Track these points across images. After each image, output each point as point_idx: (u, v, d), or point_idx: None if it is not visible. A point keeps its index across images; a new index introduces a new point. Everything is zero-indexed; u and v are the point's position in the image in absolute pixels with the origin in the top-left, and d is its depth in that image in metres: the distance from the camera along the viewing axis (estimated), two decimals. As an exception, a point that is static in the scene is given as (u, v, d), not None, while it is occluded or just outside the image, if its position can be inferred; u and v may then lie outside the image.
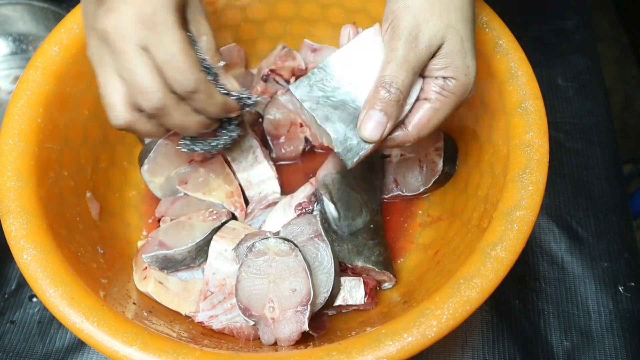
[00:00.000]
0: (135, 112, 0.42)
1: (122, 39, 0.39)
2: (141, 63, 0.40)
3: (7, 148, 0.48)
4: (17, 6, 0.76)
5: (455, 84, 0.42)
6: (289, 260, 0.48)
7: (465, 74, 0.42)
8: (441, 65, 0.41)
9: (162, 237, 0.53)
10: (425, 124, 0.43)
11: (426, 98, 0.43)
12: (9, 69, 0.78)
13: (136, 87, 0.40)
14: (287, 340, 0.46)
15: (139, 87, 0.40)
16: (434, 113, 0.43)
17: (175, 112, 0.42)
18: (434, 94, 0.42)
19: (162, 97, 0.41)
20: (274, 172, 0.58)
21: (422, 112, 0.43)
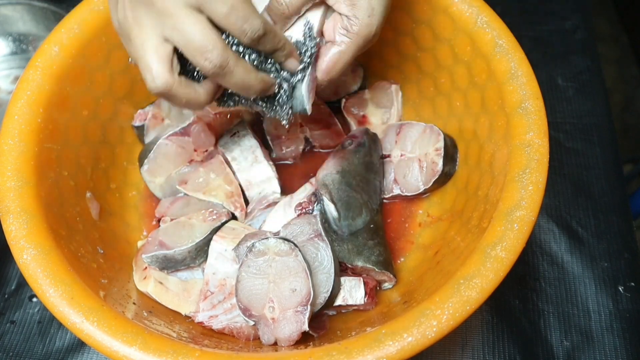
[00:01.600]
0: (177, 75, 0.40)
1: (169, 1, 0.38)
2: (195, 21, 0.38)
3: (7, 148, 0.48)
4: (17, 6, 0.76)
5: (359, 24, 0.43)
6: (289, 260, 0.48)
7: (369, 15, 0.43)
8: (347, 3, 0.43)
9: (162, 237, 0.53)
10: (333, 67, 0.45)
11: (331, 41, 0.45)
12: (9, 69, 0.78)
13: (193, 46, 0.38)
14: (287, 340, 0.46)
15: (197, 46, 0.38)
16: (340, 55, 0.45)
17: (237, 68, 0.40)
18: (338, 36, 0.44)
19: (223, 53, 0.38)
20: (274, 172, 0.58)
21: (328, 56, 0.45)
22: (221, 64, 0.39)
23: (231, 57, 0.39)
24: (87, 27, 0.53)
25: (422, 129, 0.58)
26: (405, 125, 0.60)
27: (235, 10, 0.38)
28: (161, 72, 0.39)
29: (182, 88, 0.40)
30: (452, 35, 0.54)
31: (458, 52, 0.55)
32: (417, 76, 0.62)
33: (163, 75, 0.39)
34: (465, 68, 0.54)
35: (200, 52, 0.38)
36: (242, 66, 0.40)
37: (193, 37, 0.38)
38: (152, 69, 0.39)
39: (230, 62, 0.39)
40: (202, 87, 0.42)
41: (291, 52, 0.43)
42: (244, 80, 0.41)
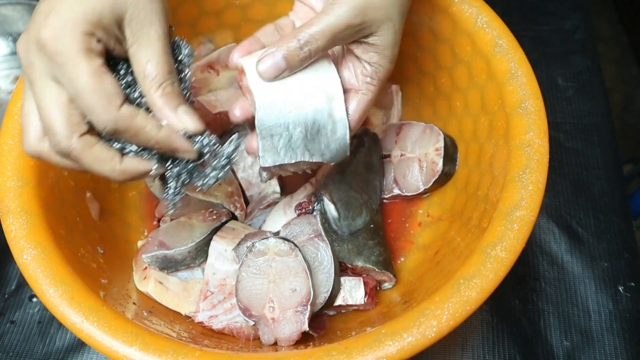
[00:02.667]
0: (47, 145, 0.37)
1: (31, 67, 0.36)
2: (49, 98, 0.35)
3: (7, 148, 0.48)
4: (17, 6, 0.75)
5: (383, 71, 0.44)
6: (289, 260, 0.48)
7: (391, 61, 0.44)
8: (373, 52, 0.43)
9: (162, 237, 0.53)
10: (363, 115, 0.45)
11: (355, 89, 0.45)
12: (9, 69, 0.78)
13: (44, 125, 0.36)
14: (287, 340, 0.46)
15: (46, 125, 0.36)
16: (368, 103, 0.45)
17: (84, 158, 0.37)
18: (363, 85, 0.44)
19: (66, 139, 0.35)
20: (274, 172, 0.58)
21: (359, 106, 0.45)
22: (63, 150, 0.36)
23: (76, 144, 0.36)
24: (87, 27, 0.53)
25: (422, 129, 0.58)
26: (405, 125, 0.60)
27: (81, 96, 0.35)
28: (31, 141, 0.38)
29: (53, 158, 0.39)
30: (452, 35, 0.54)
31: (458, 52, 0.55)
32: (417, 76, 0.62)
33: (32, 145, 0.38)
34: (465, 68, 0.54)
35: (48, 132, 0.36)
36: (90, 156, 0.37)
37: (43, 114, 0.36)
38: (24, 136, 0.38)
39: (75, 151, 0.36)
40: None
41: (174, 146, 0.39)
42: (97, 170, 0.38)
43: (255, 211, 0.57)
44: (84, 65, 0.35)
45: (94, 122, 0.36)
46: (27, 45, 0.36)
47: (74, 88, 0.35)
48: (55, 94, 0.35)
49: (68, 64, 0.34)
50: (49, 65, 0.35)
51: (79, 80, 0.35)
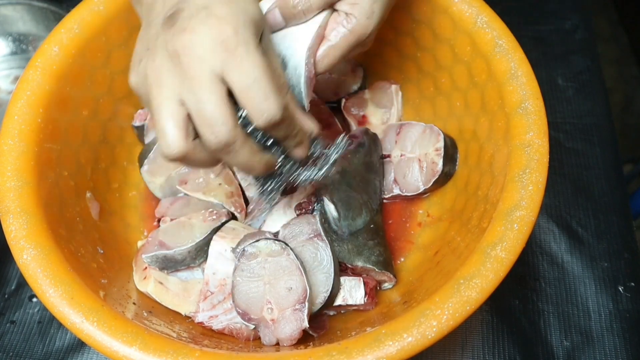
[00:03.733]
0: (192, 141, 0.38)
1: (196, 62, 0.35)
2: (214, 91, 0.36)
3: (7, 148, 0.48)
4: (17, 6, 0.75)
5: (355, 23, 0.44)
6: (281, 260, 0.48)
7: (368, 16, 0.43)
8: (350, 2, 0.43)
9: (162, 237, 0.53)
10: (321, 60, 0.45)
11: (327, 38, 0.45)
12: (9, 69, 0.78)
13: (203, 118, 0.36)
14: (289, 339, 0.46)
15: (207, 118, 0.36)
16: (329, 50, 0.45)
17: (242, 149, 0.38)
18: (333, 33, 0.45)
19: (231, 131, 0.36)
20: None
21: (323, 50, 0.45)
22: (227, 142, 0.37)
23: (239, 137, 0.37)
24: (87, 27, 0.53)
25: (422, 129, 0.58)
26: (405, 125, 0.60)
27: (255, 87, 0.36)
28: (177, 139, 0.37)
29: (197, 154, 0.38)
30: (452, 35, 0.54)
31: (458, 52, 0.55)
32: (417, 76, 0.62)
33: (179, 144, 0.37)
34: (465, 68, 0.54)
35: (208, 125, 0.36)
36: (248, 148, 0.39)
37: (205, 107, 0.36)
38: (168, 136, 0.37)
39: (237, 143, 0.37)
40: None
41: (302, 141, 0.42)
42: (247, 161, 0.39)
43: (255, 211, 0.57)
44: (261, 58, 0.36)
45: (265, 111, 0.36)
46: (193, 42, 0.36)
47: (250, 77, 0.36)
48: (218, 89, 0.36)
49: (248, 56, 0.36)
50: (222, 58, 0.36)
51: (257, 70, 0.36)
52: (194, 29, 0.36)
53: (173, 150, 0.37)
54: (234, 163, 0.40)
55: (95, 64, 0.55)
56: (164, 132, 0.37)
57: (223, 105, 0.36)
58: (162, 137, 0.37)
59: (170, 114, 0.36)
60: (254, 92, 0.36)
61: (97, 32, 0.54)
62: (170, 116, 0.36)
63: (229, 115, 0.36)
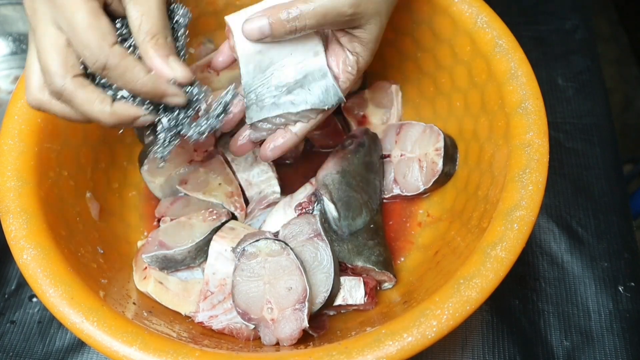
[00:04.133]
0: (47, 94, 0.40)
1: (35, 14, 0.38)
2: (48, 42, 0.38)
3: (7, 148, 0.48)
4: (17, 6, 0.75)
5: (363, 62, 0.46)
6: (281, 259, 0.48)
7: (372, 54, 0.46)
8: (357, 43, 0.45)
9: (162, 237, 0.53)
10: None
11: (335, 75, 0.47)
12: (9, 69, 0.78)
13: (42, 67, 0.38)
14: (289, 339, 0.46)
15: (43, 67, 0.38)
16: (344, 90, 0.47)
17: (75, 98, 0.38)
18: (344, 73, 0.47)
19: (60, 79, 0.38)
20: (274, 172, 0.58)
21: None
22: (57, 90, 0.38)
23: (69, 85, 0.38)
24: (87, 27, 0.53)
25: (422, 129, 0.58)
26: (405, 125, 0.60)
27: (77, 33, 0.37)
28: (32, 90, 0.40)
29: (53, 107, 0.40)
30: (452, 35, 0.54)
31: (458, 52, 0.55)
32: (417, 76, 0.62)
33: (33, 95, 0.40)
34: (465, 68, 0.54)
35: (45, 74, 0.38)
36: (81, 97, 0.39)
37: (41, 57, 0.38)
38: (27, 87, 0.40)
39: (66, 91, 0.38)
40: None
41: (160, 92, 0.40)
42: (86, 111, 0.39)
43: (255, 211, 0.57)
44: (81, 4, 0.37)
45: (86, 57, 0.37)
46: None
47: (71, 26, 0.37)
48: (54, 37, 0.37)
49: (67, 3, 0.37)
50: (51, 10, 0.37)
51: (76, 18, 0.37)
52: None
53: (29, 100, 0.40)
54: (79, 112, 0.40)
55: (95, 64, 0.55)
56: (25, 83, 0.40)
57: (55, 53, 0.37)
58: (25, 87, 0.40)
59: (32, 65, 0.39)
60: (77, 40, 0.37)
61: (97, 32, 0.54)
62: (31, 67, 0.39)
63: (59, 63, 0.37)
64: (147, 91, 0.39)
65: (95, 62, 0.38)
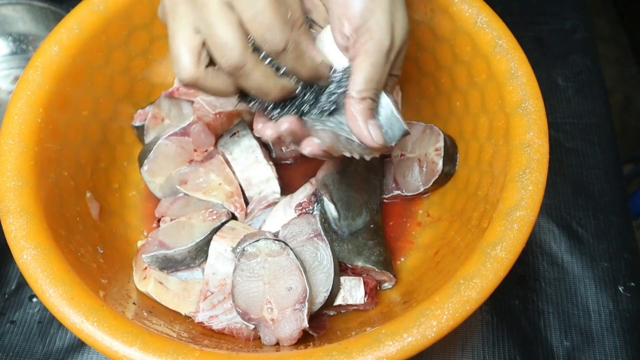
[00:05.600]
0: (204, 68, 0.40)
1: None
2: (223, 17, 0.37)
3: (7, 148, 0.48)
4: (17, 6, 0.76)
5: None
6: (281, 259, 0.48)
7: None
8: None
9: (162, 237, 0.53)
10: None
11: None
12: (9, 69, 0.78)
13: (215, 42, 0.38)
14: (289, 339, 0.46)
15: (217, 42, 0.38)
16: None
17: (254, 72, 0.39)
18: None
19: (241, 54, 0.38)
20: (274, 172, 0.58)
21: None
22: (237, 65, 0.38)
23: (250, 60, 0.39)
24: (87, 27, 0.53)
25: (422, 129, 0.58)
26: (405, 125, 0.60)
27: (259, 16, 0.37)
28: (189, 64, 0.39)
29: (209, 81, 0.40)
30: (452, 35, 0.54)
31: (458, 52, 0.55)
32: (417, 76, 0.62)
33: (190, 69, 0.39)
34: (465, 68, 0.54)
35: (219, 49, 0.38)
36: (260, 71, 0.40)
37: (217, 33, 0.38)
38: (180, 61, 0.39)
39: (248, 66, 0.39)
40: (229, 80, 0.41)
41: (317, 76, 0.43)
42: (261, 84, 0.40)
43: (255, 211, 0.57)
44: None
45: (269, 39, 0.38)
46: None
47: (254, 8, 0.37)
48: (228, 15, 0.37)
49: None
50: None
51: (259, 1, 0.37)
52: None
53: (185, 75, 0.39)
54: (248, 87, 0.41)
55: (95, 64, 0.55)
56: (177, 58, 0.39)
57: (232, 29, 0.37)
58: (175, 62, 0.39)
59: (184, 40, 0.39)
60: (258, 21, 0.37)
61: (97, 32, 0.54)
62: (184, 43, 0.39)
63: (239, 39, 0.38)
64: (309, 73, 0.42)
65: (278, 44, 0.38)
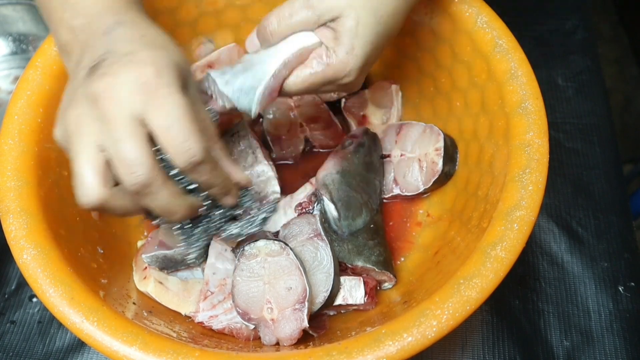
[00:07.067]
0: (110, 188, 0.37)
1: (113, 105, 0.35)
2: (132, 132, 0.35)
3: (7, 148, 0.48)
4: (17, 6, 0.75)
5: (334, 57, 0.44)
6: (280, 259, 0.48)
7: (347, 51, 0.44)
8: (331, 36, 0.44)
9: (162, 237, 0.53)
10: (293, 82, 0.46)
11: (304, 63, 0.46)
12: (9, 69, 0.78)
13: (121, 158, 0.35)
14: (289, 339, 0.46)
15: (124, 158, 0.35)
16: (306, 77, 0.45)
17: (162, 191, 0.37)
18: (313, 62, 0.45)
19: (149, 171, 0.36)
20: (273, 172, 0.58)
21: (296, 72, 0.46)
22: (145, 183, 0.36)
23: (158, 177, 0.37)
24: (87, 27, 0.53)
25: (422, 129, 0.58)
26: (405, 125, 0.60)
27: (176, 125, 0.36)
28: (94, 186, 0.36)
29: (116, 200, 0.37)
30: (452, 35, 0.54)
31: (458, 52, 0.55)
32: (417, 76, 0.62)
33: (96, 191, 0.36)
34: (465, 68, 0.54)
35: (126, 166, 0.35)
36: (168, 189, 0.38)
37: (123, 148, 0.35)
38: (85, 184, 0.36)
39: (155, 184, 0.37)
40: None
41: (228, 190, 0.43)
42: (168, 204, 0.39)
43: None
44: (180, 98, 0.36)
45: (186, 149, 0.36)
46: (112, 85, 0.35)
47: (170, 117, 0.35)
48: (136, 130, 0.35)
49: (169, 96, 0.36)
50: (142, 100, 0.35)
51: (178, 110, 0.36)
52: (114, 72, 0.36)
53: (91, 198, 0.36)
54: (154, 206, 0.39)
55: (95, 64, 0.55)
56: (81, 179, 0.36)
57: (141, 146, 0.35)
58: (79, 185, 0.36)
59: (88, 160, 0.36)
60: (175, 131, 0.36)
61: (97, 32, 0.54)
62: (88, 162, 0.36)
63: (147, 155, 0.36)
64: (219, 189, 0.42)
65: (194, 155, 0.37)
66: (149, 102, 0.35)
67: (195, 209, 0.42)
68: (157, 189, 0.37)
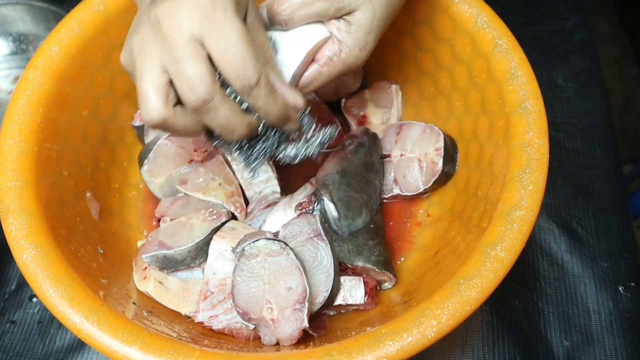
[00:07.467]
0: (172, 107, 0.38)
1: (174, 28, 0.37)
2: (191, 52, 0.36)
3: (7, 148, 0.48)
4: (17, 6, 0.76)
5: (348, 53, 0.44)
6: (281, 259, 0.48)
7: (361, 48, 0.44)
8: (344, 30, 0.44)
9: (162, 237, 0.53)
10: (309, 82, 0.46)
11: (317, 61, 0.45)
12: (9, 69, 0.78)
13: (182, 77, 0.37)
14: (289, 339, 0.46)
15: (185, 76, 0.37)
16: (319, 75, 0.46)
17: (222, 107, 0.38)
18: (324, 58, 0.45)
19: (208, 88, 0.37)
20: (273, 172, 0.58)
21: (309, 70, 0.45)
22: (205, 99, 0.37)
23: (217, 94, 0.38)
24: (87, 27, 0.53)
25: (422, 129, 0.58)
26: (405, 125, 0.60)
27: (232, 49, 0.37)
28: (157, 104, 0.37)
29: (178, 120, 0.39)
30: (452, 35, 0.54)
31: (458, 52, 0.55)
32: (417, 76, 0.62)
33: (158, 109, 0.38)
34: (465, 68, 0.54)
35: (186, 82, 0.37)
36: (227, 106, 0.39)
37: (183, 66, 0.37)
38: (148, 101, 0.38)
39: (215, 100, 0.38)
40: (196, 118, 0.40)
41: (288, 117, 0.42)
42: (228, 121, 0.39)
43: (255, 211, 0.57)
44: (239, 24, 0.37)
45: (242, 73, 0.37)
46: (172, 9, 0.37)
47: (227, 42, 0.37)
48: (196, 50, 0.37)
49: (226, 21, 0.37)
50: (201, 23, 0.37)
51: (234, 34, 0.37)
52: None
53: (154, 115, 0.38)
54: (214, 124, 0.40)
55: (95, 64, 0.55)
56: (145, 98, 0.38)
57: (200, 64, 0.37)
58: (143, 103, 0.38)
59: (152, 80, 0.37)
60: (231, 55, 0.37)
61: (97, 32, 0.54)
62: (152, 82, 0.37)
63: (207, 72, 0.37)
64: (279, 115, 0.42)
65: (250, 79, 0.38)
66: (206, 25, 0.37)
67: (254, 127, 0.42)
68: (217, 105, 0.38)
